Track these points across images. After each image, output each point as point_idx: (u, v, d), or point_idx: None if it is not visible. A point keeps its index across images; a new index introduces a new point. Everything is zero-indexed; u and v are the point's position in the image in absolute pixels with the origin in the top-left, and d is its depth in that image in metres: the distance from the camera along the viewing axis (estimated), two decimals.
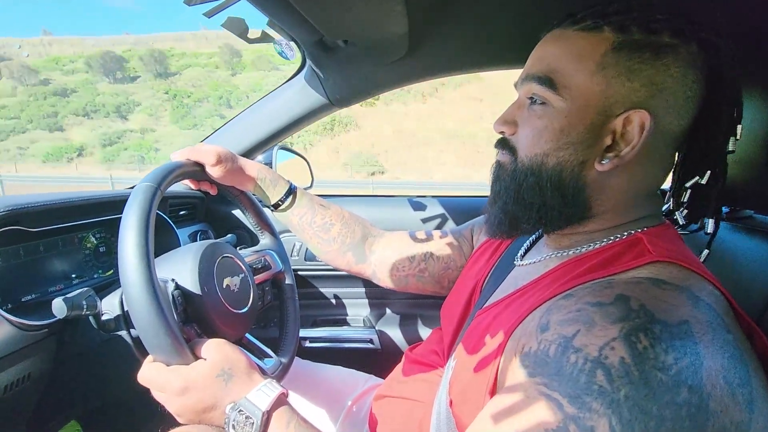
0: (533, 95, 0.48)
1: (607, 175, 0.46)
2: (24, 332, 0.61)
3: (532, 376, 0.36)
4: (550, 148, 0.47)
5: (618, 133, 0.45)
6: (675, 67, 0.43)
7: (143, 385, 0.50)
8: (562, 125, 0.46)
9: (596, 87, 0.44)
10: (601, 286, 0.40)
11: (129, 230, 0.48)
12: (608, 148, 0.45)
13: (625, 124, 0.44)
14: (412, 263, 0.77)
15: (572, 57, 0.45)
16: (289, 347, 0.79)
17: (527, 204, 0.50)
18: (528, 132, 0.49)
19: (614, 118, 0.44)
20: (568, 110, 0.45)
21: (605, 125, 0.45)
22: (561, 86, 0.45)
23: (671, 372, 0.31)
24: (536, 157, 0.48)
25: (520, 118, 0.50)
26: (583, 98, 0.45)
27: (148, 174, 0.55)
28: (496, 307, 0.52)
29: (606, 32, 0.44)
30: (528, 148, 0.48)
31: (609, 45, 0.44)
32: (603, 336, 0.34)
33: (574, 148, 0.46)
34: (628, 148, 0.44)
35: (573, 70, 0.45)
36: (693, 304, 0.36)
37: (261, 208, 0.83)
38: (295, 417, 0.48)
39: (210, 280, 0.62)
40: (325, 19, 0.66)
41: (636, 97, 0.43)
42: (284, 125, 1.01)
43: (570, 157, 0.46)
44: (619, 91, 0.44)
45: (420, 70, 0.88)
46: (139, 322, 0.47)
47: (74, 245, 0.82)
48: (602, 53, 0.44)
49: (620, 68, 0.43)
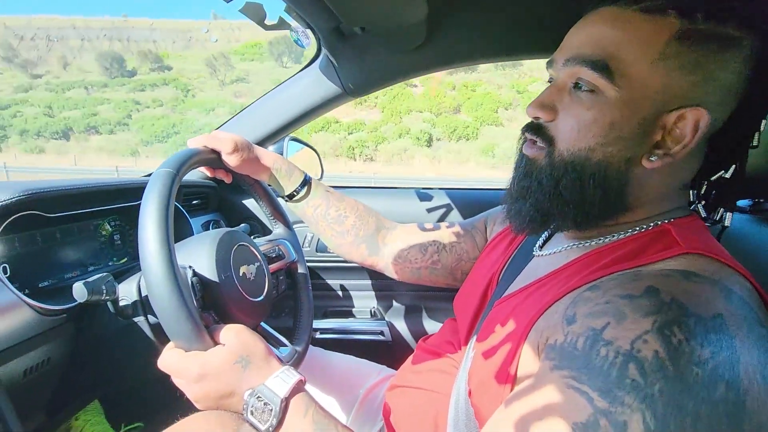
0: (580, 80, 0.43)
1: (651, 171, 0.44)
2: (44, 317, 0.62)
3: (559, 369, 0.35)
4: (597, 143, 0.43)
5: (668, 128, 0.42)
6: (735, 62, 0.40)
7: (163, 371, 0.50)
8: (614, 118, 0.42)
9: (656, 78, 0.40)
10: (629, 277, 0.39)
11: (149, 216, 0.48)
12: (656, 144, 0.43)
13: (677, 120, 0.41)
14: (424, 256, 0.76)
15: (634, 42, 0.41)
16: (303, 336, 0.79)
17: (565, 201, 0.46)
18: (572, 122, 0.44)
19: (668, 113, 0.41)
20: (622, 102, 0.42)
21: (657, 120, 0.42)
22: (618, 74, 0.41)
23: (708, 367, 0.30)
24: (580, 152, 0.44)
25: (560, 104, 0.46)
26: (641, 90, 0.41)
27: (165, 160, 0.55)
28: (516, 297, 0.51)
29: (671, 17, 0.40)
30: (571, 141, 0.44)
31: (673, 32, 0.39)
32: (635, 329, 0.33)
33: (624, 143, 0.43)
34: (679, 146, 0.42)
35: (633, 58, 0.41)
36: (726, 297, 0.35)
37: (275, 198, 0.82)
38: (313, 404, 0.48)
39: (227, 268, 0.61)
40: (344, 5, 0.65)
41: (694, 93, 0.40)
42: (298, 114, 1.01)
43: (618, 153, 0.43)
44: (678, 85, 0.40)
45: (438, 59, 0.87)
46: (159, 308, 0.46)
47: (90, 232, 0.82)
48: (666, 41, 0.40)
49: (683, 60, 0.40)
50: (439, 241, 0.77)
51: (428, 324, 1.23)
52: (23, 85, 50.45)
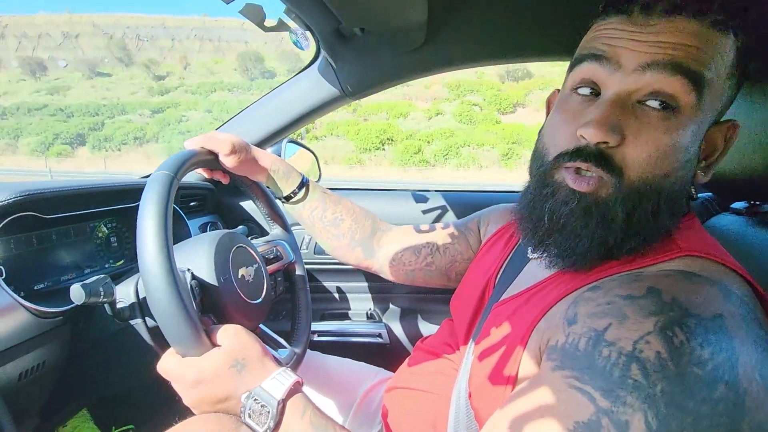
0: (662, 94, 0.38)
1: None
2: (40, 319, 0.61)
3: (561, 369, 0.36)
4: (672, 167, 0.39)
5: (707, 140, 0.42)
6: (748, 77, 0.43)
7: (163, 375, 0.49)
8: (688, 141, 0.39)
9: (723, 94, 0.40)
10: (630, 278, 0.39)
11: (148, 219, 0.47)
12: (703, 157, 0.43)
13: (714, 131, 0.42)
14: (418, 257, 0.77)
15: (719, 57, 0.38)
16: (301, 338, 0.79)
17: (635, 233, 0.41)
18: (649, 149, 0.39)
19: (713, 126, 0.42)
20: (695, 122, 0.39)
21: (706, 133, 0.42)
22: (707, 89, 0.38)
23: (708, 367, 0.31)
24: (654, 179, 0.39)
25: (627, 126, 0.39)
26: (711, 108, 0.39)
27: (163, 162, 0.54)
28: (515, 300, 0.51)
29: (731, 35, 0.39)
30: (647, 171, 0.39)
31: (737, 51, 0.39)
32: (637, 330, 0.33)
33: (692, 165, 0.41)
34: (714, 156, 0.43)
35: (714, 75, 0.38)
36: (725, 297, 0.35)
37: (273, 199, 0.82)
38: (310, 406, 0.47)
39: (226, 271, 0.61)
40: (345, 6, 0.65)
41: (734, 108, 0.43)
42: (297, 116, 1.00)
43: (687, 174, 0.41)
44: (727, 100, 0.41)
45: (438, 61, 0.87)
46: (159, 313, 0.46)
47: (86, 234, 0.81)
48: (733, 60, 0.39)
49: (736, 78, 0.41)
50: (432, 242, 0.77)
51: (425, 326, 1.23)
52: (154, 87, 47.11)
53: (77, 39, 63.07)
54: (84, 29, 65.04)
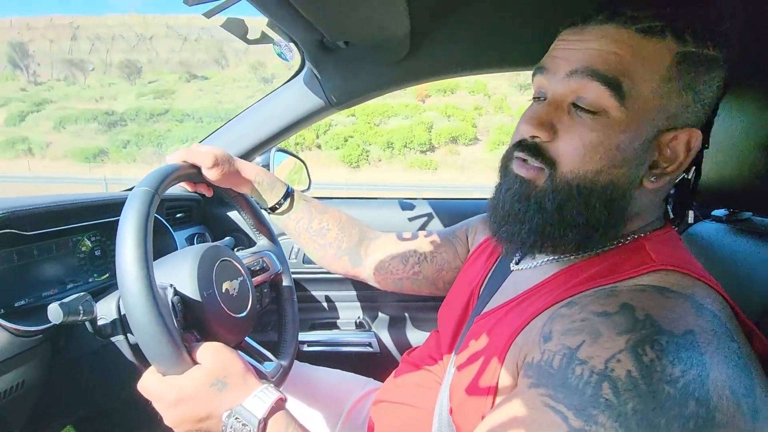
0: (581, 98, 0.42)
1: (648, 190, 0.44)
2: (18, 338, 0.60)
3: (536, 387, 0.36)
4: (604, 166, 0.42)
5: (661, 149, 0.43)
6: (717, 82, 0.42)
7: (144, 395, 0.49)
8: (619, 141, 0.41)
9: (657, 100, 0.41)
10: (605, 294, 0.39)
11: (127, 238, 0.47)
12: (652, 164, 0.43)
13: (671, 140, 0.42)
14: (405, 266, 0.77)
15: (641, 64, 0.40)
16: (288, 350, 0.78)
17: (569, 225, 0.44)
18: (577, 145, 0.42)
19: (664, 133, 0.42)
20: (626, 124, 0.41)
21: (654, 140, 0.42)
22: (628, 95, 0.40)
23: (678, 385, 0.31)
24: (586, 174, 0.42)
25: (560, 123, 0.43)
26: (644, 112, 0.41)
27: (144, 178, 0.54)
28: (496, 313, 0.51)
29: (668, 39, 0.40)
30: (576, 164, 0.42)
31: (673, 56, 0.40)
32: (609, 348, 0.34)
33: (629, 165, 0.42)
34: (674, 165, 0.43)
35: (641, 79, 0.40)
36: (697, 312, 0.36)
37: (259, 210, 0.82)
38: (292, 423, 0.47)
39: (209, 285, 0.61)
40: (327, 20, 0.65)
41: (687, 113, 0.42)
42: (283, 127, 1.00)
43: (623, 175, 0.42)
44: (676, 106, 0.41)
45: (422, 72, 0.88)
46: (139, 332, 0.46)
47: (69, 249, 0.80)
48: (668, 64, 0.40)
49: (681, 82, 0.40)
50: (420, 251, 0.77)
51: (416, 334, 1.23)
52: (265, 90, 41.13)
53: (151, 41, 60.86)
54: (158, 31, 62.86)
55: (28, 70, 52.70)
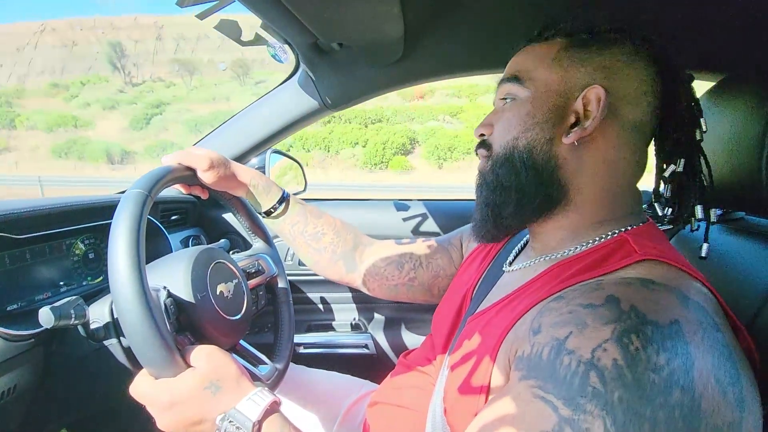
0: (506, 95, 0.53)
1: (578, 152, 0.49)
2: (9, 343, 0.59)
3: (527, 379, 0.36)
4: (519, 131, 0.51)
5: (581, 113, 0.48)
6: (622, 54, 0.49)
7: (136, 399, 0.48)
8: (528, 110, 0.51)
9: (555, 75, 0.50)
10: (591, 287, 0.40)
11: (119, 241, 0.46)
12: (573, 126, 0.49)
13: (585, 104, 0.48)
14: (401, 272, 0.77)
15: (532, 59, 0.52)
16: (284, 353, 0.78)
17: (504, 188, 0.52)
18: (500, 126, 0.53)
19: (574, 100, 0.49)
20: (533, 97, 0.51)
21: (567, 107, 0.49)
22: (525, 79, 0.52)
23: (663, 373, 0.32)
24: (508, 143, 0.52)
25: (495, 119, 0.55)
26: (544, 85, 0.50)
27: (137, 180, 0.54)
28: (487, 313, 0.52)
29: (557, 39, 0.52)
30: (500, 139, 0.53)
31: (561, 45, 0.51)
32: (595, 338, 0.34)
33: (540, 127, 0.50)
34: (589, 120, 0.48)
35: (534, 67, 0.52)
36: (683, 303, 0.37)
37: (254, 212, 0.81)
38: (287, 426, 0.47)
39: (203, 288, 0.60)
40: (320, 22, 0.65)
41: (591, 80, 0.48)
42: (278, 129, 1.00)
43: (537, 135, 0.50)
44: (575, 76, 0.49)
45: (416, 73, 0.88)
46: (131, 335, 0.45)
47: (62, 252, 0.80)
48: (556, 51, 0.51)
49: (573, 59, 0.50)
50: (415, 258, 0.77)
51: (412, 336, 1.23)
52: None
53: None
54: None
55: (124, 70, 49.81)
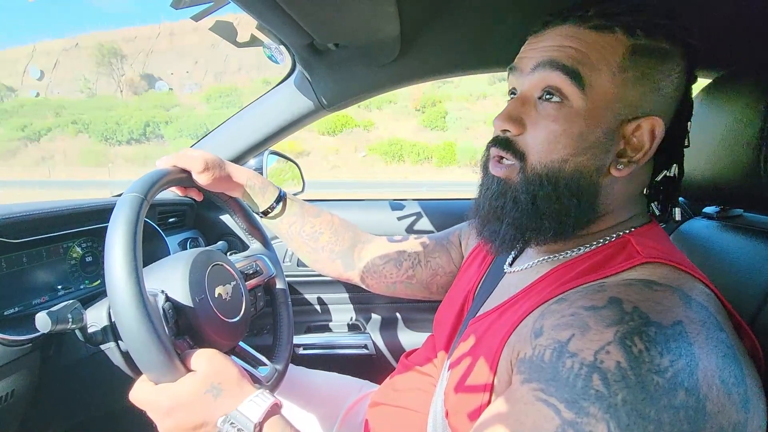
0: (550, 88, 0.44)
1: (617, 179, 0.46)
2: (7, 348, 0.59)
3: (528, 382, 0.36)
4: (568, 154, 0.44)
5: (627, 138, 0.44)
6: (674, 72, 0.44)
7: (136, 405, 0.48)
8: (581, 129, 0.44)
9: (615, 89, 0.43)
10: (594, 289, 0.40)
11: (115, 244, 0.46)
12: (619, 153, 0.45)
13: (635, 129, 0.44)
14: (399, 270, 0.77)
15: (597, 55, 0.43)
16: (283, 354, 0.78)
17: (542, 214, 0.46)
18: (542, 135, 0.45)
19: (627, 123, 0.44)
20: (588, 112, 0.43)
21: (619, 130, 0.44)
22: (587, 83, 0.43)
23: (667, 375, 0.31)
24: (553, 164, 0.45)
25: (527, 117, 0.46)
26: (603, 100, 0.43)
27: (133, 183, 0.54)
28: (489, 316, 0.51)
29: (618, 34, 0.43)
30: (543, 154, 0.45)
31: (626, 48, 0.43)
32: (598, 340, 0.34)
33: (593, 153, 0.44)
34: (640, 154, 0.44)
35: (597, 69, 0.43)
36: (685, 303, 0.36)
37: (251, 214, 0.81)
38: (288, 428, 0.47)
39: (201, 291, 0.60)
40: (316, 23, 0.65)
41: (645, 103, 0.44)
42: (275, 130, 1.00)
43: (588, 162, 0.44)
44: (633, 95, 0.43)
45: (412, 73, 0.88)
46: (129, 340, 0.45)
47: (59, 255, 0.79)
48: (622, 55, 0.43)
49: (637, 72, 0.43)
50: (414, 255, 0.77)
51: (412, 336, 1.23)
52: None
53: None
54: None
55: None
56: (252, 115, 1.02)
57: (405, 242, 0.79)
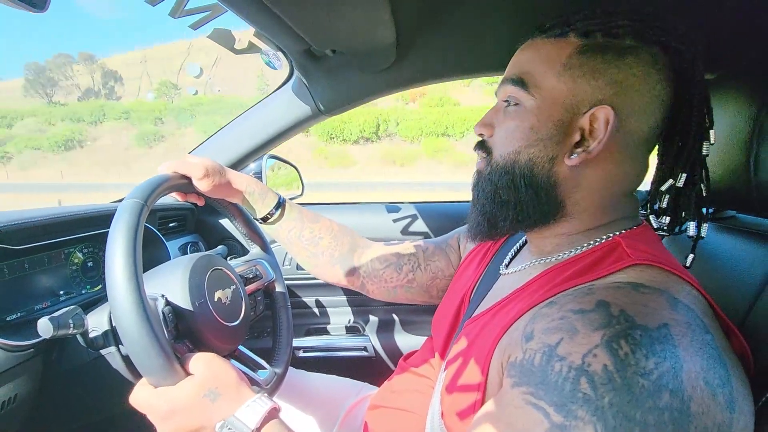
0: (508, 97, 0.50)
1: (578, 171, 0.48)
2: (9, 353, 0.60)
3: (519, 386, 0.37)
4: (521, 146, 0.49)
5: (586, 130, 0.47)
6: (637, 67, 0.45)
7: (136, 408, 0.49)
8: (532, 123, 0.48)
9: (563, 86, 0.47)
10: (583, 292, 0.40)
11: (116, 249, 0.47)
12: (577, 145, 0.47)
13: (592, 121, 0.46)
14: (399, 274, 0.77)
15: (541, 60, 0.48)
16: (282, 357, 0.78)
17: (503, 202, 0.51)
18: (502, 133, 0.51)
19: (581, 116, 0.47)
20: (537, 108, 0.48)
21: (573, 123, 0.47)
22: (531, 86, 0.48)
23: (652, 377, 0.32)
24: (509, 155, 0.50)
25: (496, 121, 0.53)
26: (551, 97, 0.47)
27: (133, 189, 0.54)
28: (483, 317, 0.52)
29: (571, 37, 0.47)
30: (502, 148, 0.51)
31: (574, 48, 0.47)
32: (585, 344, 0.35)
33: (544, 144, 0.48)
34: (595, 142, 0.46)
35: (542, 72, 0.48)
36: (672, 306, 0.37)
37: (251, 218, 0.82)
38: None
39: (201, 295, 0.61)
40: (313, 30, 0.66)
41: (601, 95, 0.46)
42: (273, 135, 1.01)
43: (540, 153, 0.48)
44: (584, 90, 0.46)
45: (409, 78, 0.89)
46: (129, 344, 0.46)
47: (61, 261, 0.80)
48: (568, 55, 0.47)
49: (585, 68, 0.46)
50: (413, 259, 0.78)
51: (410, 338, 1.23)
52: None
53: None
54: None
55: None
56: (251, 120, 1.03)
57: (404, 246, 0.80)
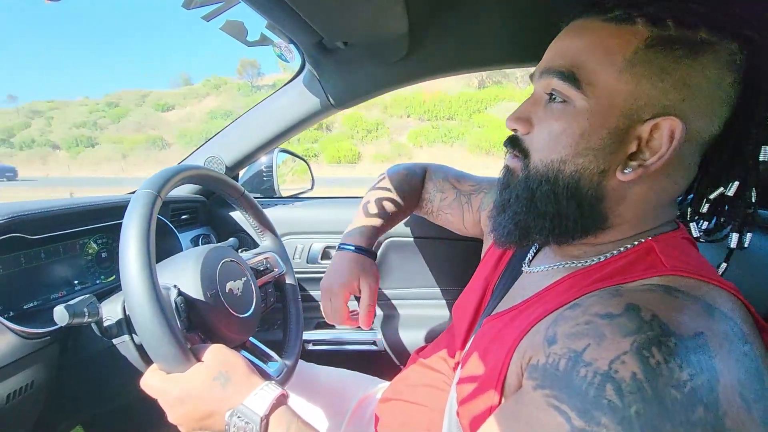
0: (553, 91, 0.43)
1: (629, 185, 0.42)
2: (26, 340, 0.61)
3: (542, 388, 0.35)
4: (568, 154, 0.42)
5: (644, 140, 0.40)
6: (713, 68, 0.38)
7: (147, 392, 0.50)
8: (583, 129, 0.41)
9: (623, 86, 0.39)
10: (609, 294, 0.38)
11: (130, 239, 0.48)
12: (632, 156, 0.41)
13: (653, 130, 0.40)
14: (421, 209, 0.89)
15: (599, 51, 0.40)
16: (293, 349, 0.79)
17: (540, 213, 0.45)
18: (544, 134, 0.44)
19: (641, 123, 0.40)
20: (590, 111, 0.41)
21: (630, 130, 0.40)
22: (585, 83, 0.41)
23: (686, 389, 0.30)
24: (552, 164, 0.43)
25: (535, 117, 0.46)
26: (608, 99, 0.40)
27: (146, 180, 0.55)
28: (504, 317, 0.50)
29: (639, 26, 0.39)
30: (543, 153, 0.44)
31: (642, 40, 0.39)
32: (614, 350, 0.33)
33: (595, 154, 0.41)
34: (654, 158, 0.40)
35: (599, 67, 0.40)
36: (708, 314, 0.34)
37: (261, 210, 0.82)
38: (295, 420, 0.47)
39: (213, 286, 0.61)
40: (325, 22, 0.66)
41: (667, 100, 0.39)
42: (285, 128, 1.01)
43: (590, 164, 0.42)
44: (648, 93, 0.39)
45: (421, 70, 0.88)
46: (142, 332, 0.46)
47: (76, 251, 0.81)
48: (633, 49, 0.39)
49: (652, 67, 0.39)
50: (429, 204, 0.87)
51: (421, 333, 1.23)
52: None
53: None
54: None
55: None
56: (262, 113, 1.03)
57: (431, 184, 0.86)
